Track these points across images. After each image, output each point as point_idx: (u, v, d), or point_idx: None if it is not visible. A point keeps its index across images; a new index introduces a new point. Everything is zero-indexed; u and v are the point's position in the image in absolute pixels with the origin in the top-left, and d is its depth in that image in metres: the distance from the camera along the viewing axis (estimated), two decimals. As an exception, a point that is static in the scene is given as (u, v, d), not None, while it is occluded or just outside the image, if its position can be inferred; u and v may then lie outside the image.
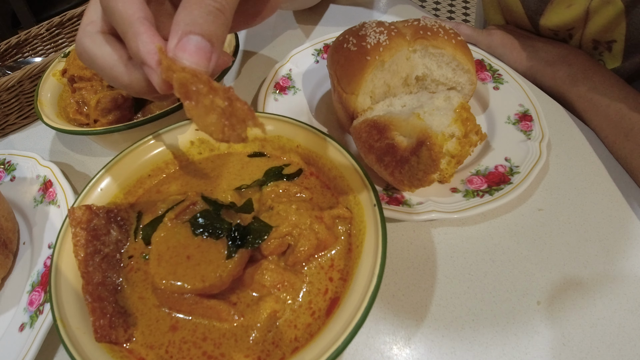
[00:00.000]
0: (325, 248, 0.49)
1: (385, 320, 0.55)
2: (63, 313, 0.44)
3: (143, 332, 0.45)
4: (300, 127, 0.57)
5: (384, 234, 0.44)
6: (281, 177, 0.56)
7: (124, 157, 0.57)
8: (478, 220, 0.64)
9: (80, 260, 0.46)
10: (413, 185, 0.59)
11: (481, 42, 0.90)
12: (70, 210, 0.48)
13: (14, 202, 0.69)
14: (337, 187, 0.53)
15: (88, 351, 0.41)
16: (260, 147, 0.60)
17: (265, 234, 0.47)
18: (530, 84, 0.84)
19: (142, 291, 0.48)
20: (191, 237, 0.46)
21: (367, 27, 0.69)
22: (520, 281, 0.57)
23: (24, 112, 0.86)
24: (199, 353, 0.43)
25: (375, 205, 0.47)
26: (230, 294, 0.46)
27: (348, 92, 0.67)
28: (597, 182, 0.68)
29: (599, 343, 0.51)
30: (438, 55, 0.68)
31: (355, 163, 0.51)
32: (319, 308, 0.45)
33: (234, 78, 0.92)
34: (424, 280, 0.58)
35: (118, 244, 0.51)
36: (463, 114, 0.57)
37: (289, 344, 0.43)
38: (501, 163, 0.66)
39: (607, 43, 0.78)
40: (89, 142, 0.82)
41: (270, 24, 1.09)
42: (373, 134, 0.59)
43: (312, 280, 0.47)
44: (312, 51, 0.89)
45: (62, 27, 0.99)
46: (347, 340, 0.38)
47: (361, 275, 0.43)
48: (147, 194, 0.58)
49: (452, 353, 0.52)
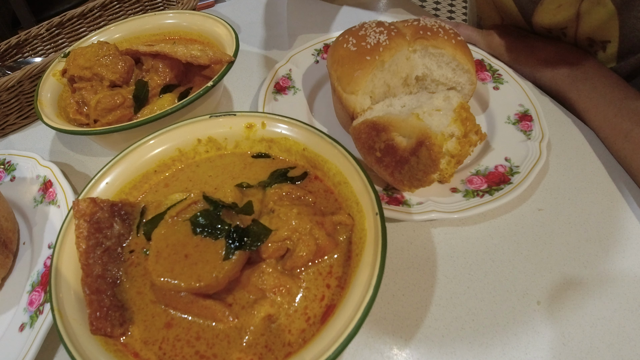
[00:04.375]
0: (325, 254, 0.48)
1: (385, 320, 0.55)
2: (61, 305, 0.44)
3: (139, 327, 0.45)
4: (307, 130, 0.57)
5: (384, 244, 0.44)
6: (286, 179, 0.56)
7: (131, 152, 0.57)
8: (478, 220, 0.64)
9: (82, 252, 0.47)
10: (413, 186, 0.59)
11: (481, 42, 0.90)
12: (74, 202, 0.49)
13: (14, 202, 0.69)
14: (341, 192, 0.53)
15: (82, 342, 0.42)
16: (267, 149, 0.60)
17: (264, 237, 0.47)
18: (530, 84, 0.84)
19: (140, 286, 0.48)
20: (190, 236, 0.46)
21: (367, 27, 0.69)
22: (520, 281, 0.57)
23: (24, 112, 0.86)
24: (191, 352, 0.43)
25: (377, 214, 0.46)
26: (226, 294, 0.46)
27: (348, 92, 0.67)
28: (597, 182, 0.68)
29: (599, 343, 0.51)
30: (438, 55, 0.68)
31: (361, 170, 0.51)
32: (314, 314, 0.45)
33: (234, 78, 0.93)
34: (424, 280, 0.58)
35: (120, 237, 0.51)
36: (462, 114, 0.57)
37: (281, 349, 0.43)
38: (501, 163, 0.66)
39: (601, 42, 0.77)
40: (89, 142, 0.82)
41: (271, 24, 1.10)
42: (372, 134, 0.59)
43: (309, 285, 0.47)
44: (312, 51, 0.89)
45: (62, 27, 0.99)
46: (340, 348, 0.37)
47: (358, 284, 0.43)
48: (152, 190, 0.58)
49: (452, 353, 0.51)
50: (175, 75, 0.77)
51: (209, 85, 0.68)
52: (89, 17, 1.02)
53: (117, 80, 0.74)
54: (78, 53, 0.74)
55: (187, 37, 0.89)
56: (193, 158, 0.61)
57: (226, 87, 0.90)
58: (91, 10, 1.01)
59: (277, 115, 0.59)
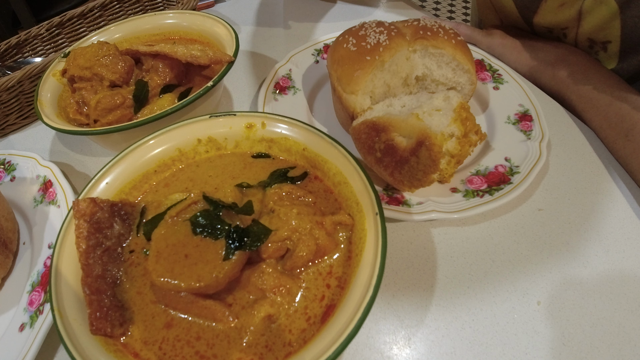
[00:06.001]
0: (325, 254, 0.49)
1: (385, 320, 0.55)
2: (61, 305, 0.44)
3: (139, 327, 0.45)
4: (307, 130, 0.57)
5: (384, 243, 0.44)
6: (286, 179, 0.56)
7: (131, 152, 0.57)
8: (478, 220, 0.64)
9: (82, 252, 0.47)
10: (413, 186, 0.59)
11: (481, 42, 0.90)
12: (74, 202, 0.49)
13: (14, 202, 0.69)
14: (341, 192, 0.53)
15: (82, 342, 0.42)
16: (267, 149, 0.60)
17: (264, 237, 0.47)
18: (530, 84, 0.84)
19: (140, 286, 0.48)
20: (190, 236, 0.46)
21: (367, 27, 0.69)
22: (520, 281, 0.57)
23: (24, 112, 0.86)
24: (191, 352, 0.43)
25: (377, 214, 0.46)
26: (226, 294, 0.46)
27: (348, 92, 0.67)
28: (597, 182, 0.68)
29: (599, 343, 0.51)
30: (438, 55, 0.68)
31: (361, 170, 0.51)
32: (315, 314, 0.45)
33: (234, 78, 0.93)
34: (424, 280, 0.58)
35: (120, 237, 0.51)
36: (462, 114, 0.57)
37: (282, 349, 0.43)
38: (501, 163, 0.66)
39: (602, 43, 0.78)
40: (89, 142, 0.82)
41: (271, 24, 1.10)
42: (372, 134, 0.59)
43: (309, 285, 0.47)
44: (312, 51, 0.89)
45: (62, 27, 0.99)
46: (340, 348, 0.37)
47: (358, 284, 0.43)
48: (152, 190, 0.58)
49: (452, 353, 0.51)
50: (175, 75, 0.77)
51: (209, 85, 0.68)
52: (89, 17, 1.02)
53: (117, 80, 0.74)
54: (78, 53, 0.74)
55: (187, 37, 0.89)
56: (193, 158, 0.61)
57: (226, 87, 0.90)
58: (91, 10, 1.01)
59: (277, 115, 0.59)
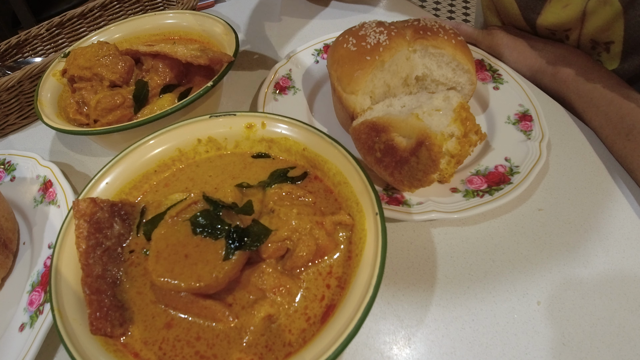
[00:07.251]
0: (325, 254, 0.48)
1: (385, 320, 0.55)
2: (61, 305, 0.44)
3: (139, 327, 0.45)
4: (307, 130, 0.57)
5: (384, 243, 0.44)
6: (286, 179, 0.56)
7: (131, 152, 0.57)
8: (478, 220, 0.64)
9: (82, 252, 0.47)
10: (413, 186, 0.59)
11: (481, 42, 0.90)
12: (74, 202, 0.49)
13: (14, 202, 0.69)
14: (341, 192, 0.53)
15: (82, 342, 0.42)
16: (267, 149, 0.60)
17: (264, 237, 0.47)
18: (530, 84, 0.84)
19: (140, 286, 0.48)
20: (190, 236, 0.46)
21: (367, 27, 0.69)
22: (520, 281, 0.57)
23: (24, 112, 0.86)
24: (191, 352, 0.43)
25: (377, 213, 0.46)
26: (226, 294, 0.46)
27: (348, 92, 0.67)
28: (597, 182, 0.68)
29: (599, 343, 0.51)
30: (438, 55, 0.68)
31: (361, 170, 0.51)
32: (315, 314, 0.45)
33: (234, 78, 0.93)
34: (424, 280, 0.58)
35: (120, 237, 0.51)
36: (462, 114, 0.57)
37: (282, 349, 0.42)
38: (501, 163, 0.66)
39: (605, 44, 0.78)
40: (89, 142, 0.82)
41: (270, 24, 1.10)
42: (372, 134, 0.59)
43: (309, 285, 0.47)
44: (312, 51, 0.89)
45: (62, 27, 0.99)
46: (340, 348, 0.37)
47: (358, 284, 0.43)
48: (152, 190, 0.58)
49: (452, 353, 0.51)
50: (175, 75, 0.77)
51: (209, 85, 0.68)
52: (89, 17, 1.02)
53: (117, 80, 0.74)
54: (78, 53, 0.74)
55: (187, 37, 0.89)
56: (193, 158, 0.61)
57: (226, 87, 0.90)
58: (91, 10, 1.01)
59: (277, 115, 0.59)
